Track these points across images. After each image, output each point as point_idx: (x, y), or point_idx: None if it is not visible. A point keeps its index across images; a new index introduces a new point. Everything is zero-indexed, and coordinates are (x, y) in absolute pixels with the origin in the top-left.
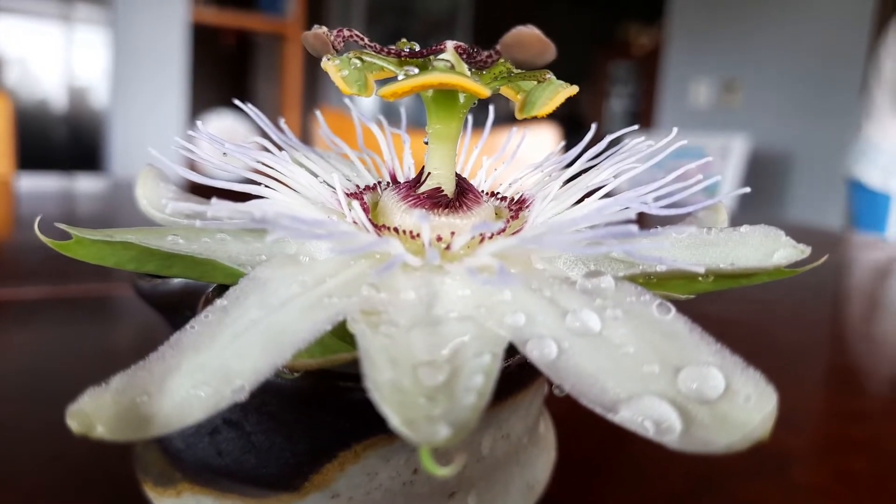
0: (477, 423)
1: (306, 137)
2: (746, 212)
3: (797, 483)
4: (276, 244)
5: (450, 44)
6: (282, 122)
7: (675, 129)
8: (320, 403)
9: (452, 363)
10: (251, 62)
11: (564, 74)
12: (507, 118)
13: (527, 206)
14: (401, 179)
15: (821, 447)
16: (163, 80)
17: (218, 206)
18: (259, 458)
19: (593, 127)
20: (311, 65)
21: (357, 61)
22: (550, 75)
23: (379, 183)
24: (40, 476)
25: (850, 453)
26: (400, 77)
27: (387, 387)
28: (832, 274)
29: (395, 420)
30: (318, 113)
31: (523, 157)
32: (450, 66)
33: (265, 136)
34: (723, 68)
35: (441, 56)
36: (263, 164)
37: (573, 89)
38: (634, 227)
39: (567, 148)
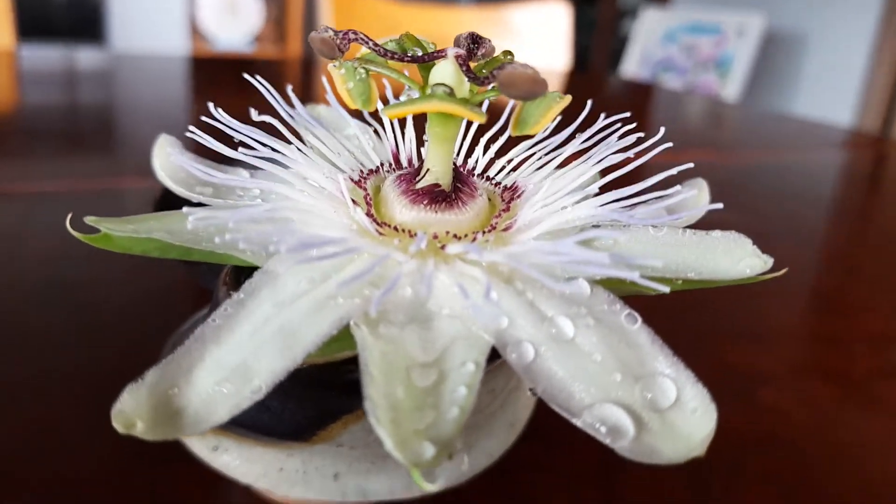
0: (458, 440)
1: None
2: (756, 96)
3: (761, 405)
4: (283, 219)
5: (450, 52)
6: (290, 89)
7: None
8: (326, 382)
9: (440, 366)
10: None
11: None
12: None
13: (518, 196)
14: (402, 159)
15: (789, 370)
16: None
17: (237, 228)
18: (272, 417)
19: (589, 104)
20: None
21: (362, 71)
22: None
23: (382, 165)
24: (69, 383)
25: (816, 378)
26: (402, 98)
27: (382, 408)
28: (830, 180)
29: (388, 443)
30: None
31: (531, 36)
32: (449, 92)
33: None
34: None
35: (441, 67)
36: (273, 150)
37: (566, 101)
38: (607, 258)
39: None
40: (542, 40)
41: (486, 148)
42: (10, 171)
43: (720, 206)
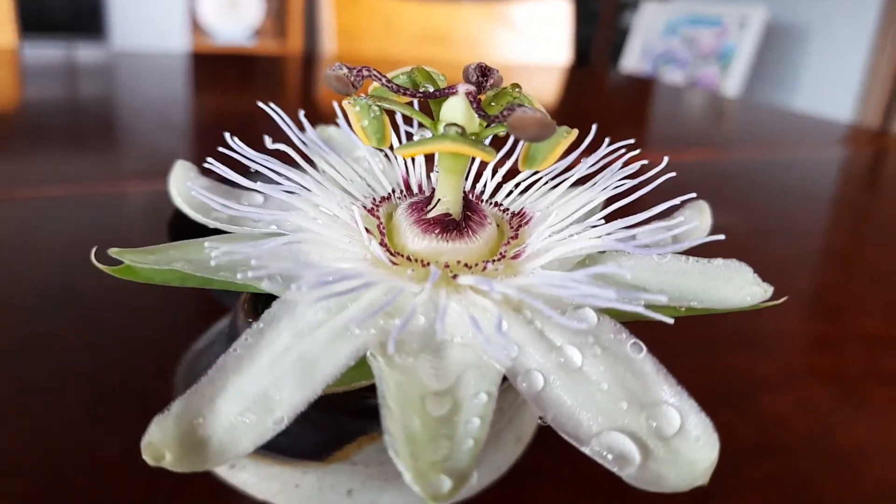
0: (473, 472)
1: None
2: (757, 88)
3: (759, 410)
4: (300, 251)
5: (461, 89)
6: (302, 115)
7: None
8: (343, 406)
9: (454, 395)
10: None
11: None
12: None
13: (526, 223)
14: (413, 184)
15: (787, 375)
16: None
17: (258, 265)
18: (291, 439)
19: (594, 128)
20: None
21: (376, 109)
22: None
23: (393, 191)
24: (77, 390)
25: (813, 380)
26: (416, 137)
27: (400, 441)
28: (828, 177)
29: (407, 477)
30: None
31: (532, 31)
32: (460, 132)
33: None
34: None
35: (452, 104)
36: (288, 178)
37: (572, 136)
38: (613, 294)
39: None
40: (543, 35)
41: (494, 172)
42: (13, 174)
43: (722, 237)
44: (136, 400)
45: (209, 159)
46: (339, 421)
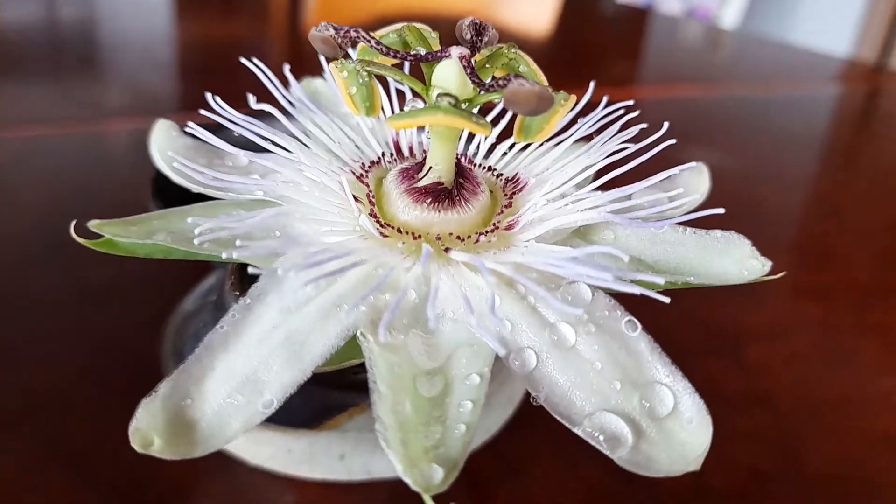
0: (464, 460)
1: None
2: (756, 19)
3: (747, 363)
4: (287, 223)
5: (454, 52)
6: (287, 69)
7: None
8: (333, 381)
9: (446, 375)
10: None
11: None
12: None
13: (520, 189)
14: (403, 147)
15: (775, 327)
16: None
17: (243, 246)
18: (282, 410)
19: (591, 85)
20: None
21: (365, 74)
22: (549, 88)
23: (382, 155)
24: (69, 344)
25: (801, 332)
26: (407, 108)
27: (391, 428)
28: (821, 117)
29: (399, 468)
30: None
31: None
32: (453, 103)
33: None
34: None
35: (444, 69)
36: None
37: (570, 103)
38: (609, 276)
39: None
40: None
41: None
42: None
43: (721, 210)
44: (123, 356)
45: (190, 124)
46: (329, 394)
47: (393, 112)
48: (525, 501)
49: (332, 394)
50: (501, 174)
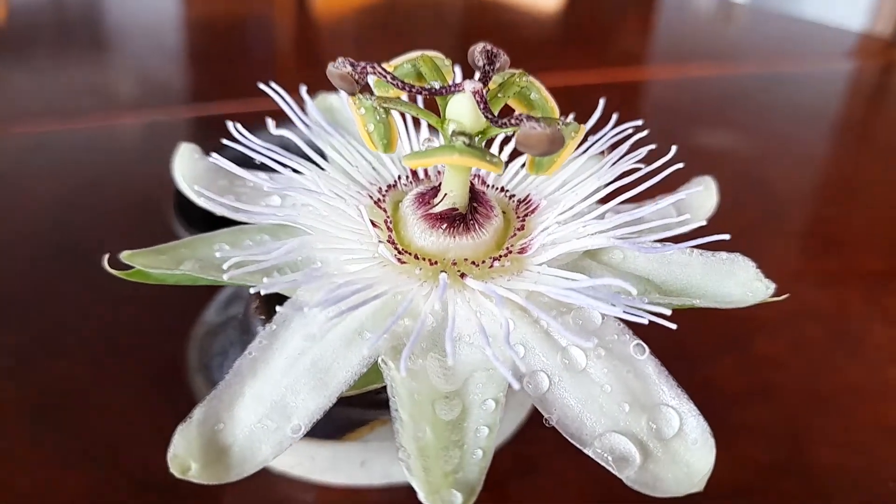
0: (481, 485)
1: None
2: None
3: (755, 353)
4: (309, 253)
5: (468, 87)
6: (303, 90)
7: None
8: (355, 400)
9: (463, 399)
10: None
11: None
12: None
13: (533, 211)
14: (419, 171)
15: (784, 315)
16: None
17: (270, 284)
18: None
19: (601, 102)
20: None
21: (382, 111)
22: (560, 126)
23: (399, 179)
24: (84, 339)
25: (808, 320)
26: (423, 147)
27: (413, 456)
28: (834, 94)
29: (421, 494)
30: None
31: None
32: (468, 143)
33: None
34: None
35: (458, 103)
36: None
37: (580, 135)
38: (620, 310)
39: None
40: None
41: (501, 149)
42: (3, 107)
43: (727, 237)
44: (142, 354)
45: (213, 155)
46: (353, 411)
47: (409, 139)
48: (539, 498)
49: (356, 411)
50: (514, 195)
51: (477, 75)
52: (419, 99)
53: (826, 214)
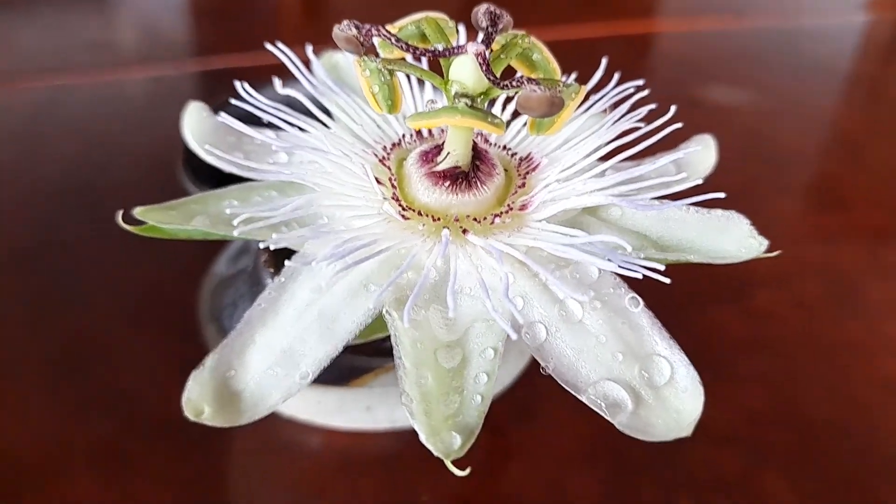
0: (479, 429)
1: None
2: None
3: (755, 307)
4: (316, 209)
5: (471, 49)
6: (310, 50)
7: None
8: (359, 347)
9: (464, 347)
10: None
11: None
12: None
13: (534, 168)
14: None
15: (785, 270)
16: None
17: (278, 239)
18: None
19: (604, 61)
20: None
21: (386, 73)
22: (561, 88)
23: (403, 137)
24: (110, 294)
25: (810, 276)
26: (427, 108)
27: (416, 400)
28: (845, 49)
29: (422, 436)
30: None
31: None
32: (470, 104)
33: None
34: None
35: (461, 65)
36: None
37: (581, 96)
38: (616, 265)
39: None
40: None
41: (504, 106)
42: (10, 59)
43: (722, 195)
44: (157, 303)
45: (222, 114)
46: (358, 359)
47: (413, 99)
48: (538, 443)
49: (361, 358)
50: (516, 153)
51: (480, 37)
52: (423, 60)
53: (832, 170)
